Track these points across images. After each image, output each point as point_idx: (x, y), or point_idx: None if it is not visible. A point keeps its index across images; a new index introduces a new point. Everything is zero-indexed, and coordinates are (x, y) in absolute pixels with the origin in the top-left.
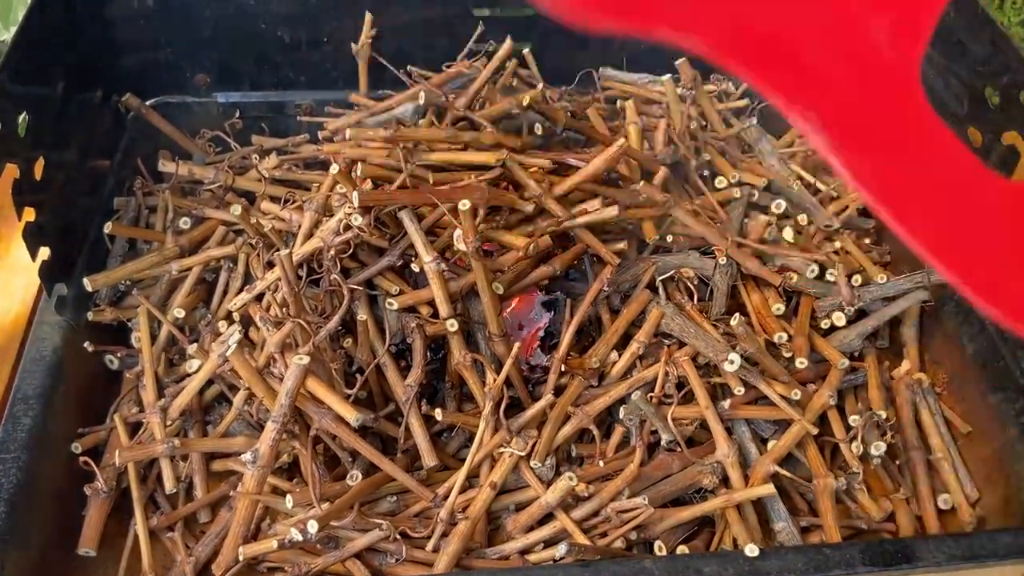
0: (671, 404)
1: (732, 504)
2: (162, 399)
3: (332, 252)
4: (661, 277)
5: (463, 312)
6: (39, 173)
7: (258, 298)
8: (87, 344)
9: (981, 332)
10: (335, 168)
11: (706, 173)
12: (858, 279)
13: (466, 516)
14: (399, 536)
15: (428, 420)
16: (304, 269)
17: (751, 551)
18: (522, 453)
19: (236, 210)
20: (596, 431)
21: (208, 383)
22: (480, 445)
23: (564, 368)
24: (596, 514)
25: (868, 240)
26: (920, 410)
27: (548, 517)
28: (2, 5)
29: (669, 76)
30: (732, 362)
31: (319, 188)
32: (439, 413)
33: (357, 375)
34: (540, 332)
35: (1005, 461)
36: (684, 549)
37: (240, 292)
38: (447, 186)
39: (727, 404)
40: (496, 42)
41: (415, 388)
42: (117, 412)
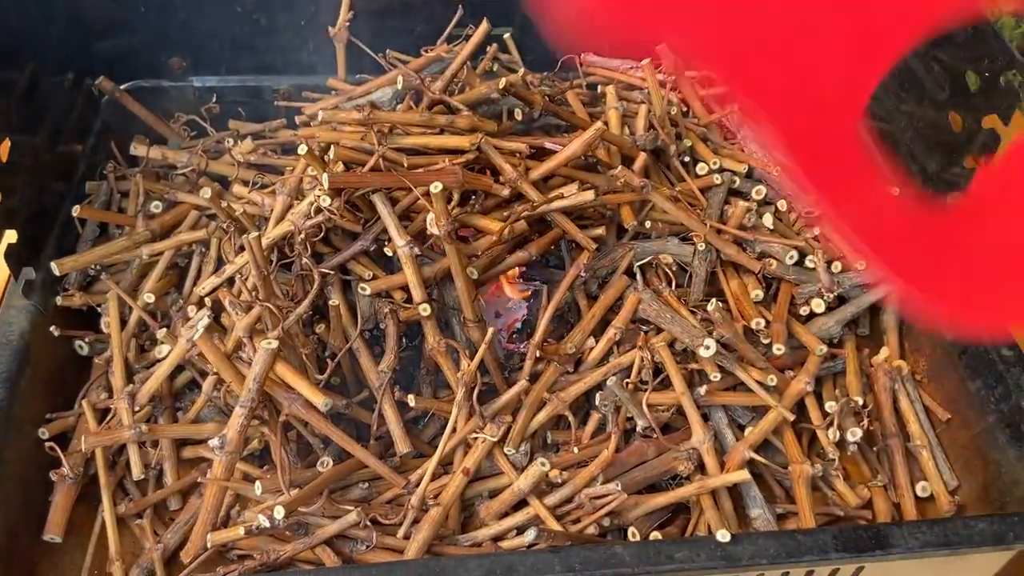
0: (647, 390)
1: (706, 490)
2: (131, 385)
3: (302, 236)
4: (639, 263)
5: (438, 298)
6: (5, 155)
7: (229, 282)
8: (53, 328)
9: None
10: (304, 149)
11: (687, 159)
12: (838, 266)
13: (438, 503)
14: (369, 523)
15: (402, 407)
16: (275, 253)
17: (723, 537)
18: (495, 439)
19: (206, 193)
20: (572, 418)
21: (179, 369)
22: (453, 431)
23: (540, 354)
24: (570, 500)
25: None
26: (899, 397)
27: (522, 504)
28: None
29: (649, 60)
30: (708, 347)
31: (292, 171)
32: (412, 399)
33: (329, 361)
34: (517, 324)
35: (984, 448)
36: (658, 535)
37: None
38: (421, 169)
39: (703, 390)
40: (477, 27)
41: (388, 374)
42: (85, 398)
